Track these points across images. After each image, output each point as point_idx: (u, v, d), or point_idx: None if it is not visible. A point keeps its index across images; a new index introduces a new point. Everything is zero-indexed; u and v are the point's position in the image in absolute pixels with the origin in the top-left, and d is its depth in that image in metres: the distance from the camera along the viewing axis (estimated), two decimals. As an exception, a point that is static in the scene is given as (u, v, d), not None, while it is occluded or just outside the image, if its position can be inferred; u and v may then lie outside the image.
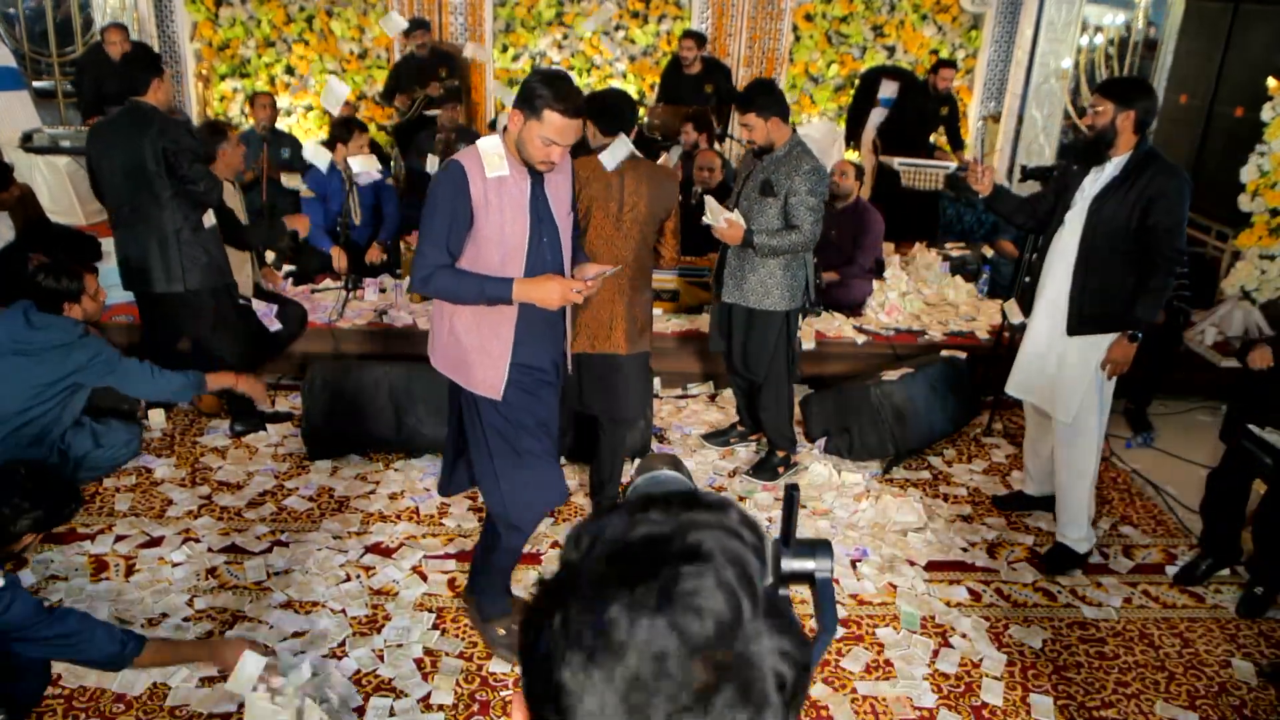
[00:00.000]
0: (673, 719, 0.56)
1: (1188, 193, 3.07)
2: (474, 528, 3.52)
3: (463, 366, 2.59)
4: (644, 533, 0.61)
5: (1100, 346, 3.20)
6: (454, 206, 2.41)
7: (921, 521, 3.68)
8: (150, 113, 3.55)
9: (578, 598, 0.60)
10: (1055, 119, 7.22)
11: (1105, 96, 3.10)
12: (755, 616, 0.59)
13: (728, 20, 7.17)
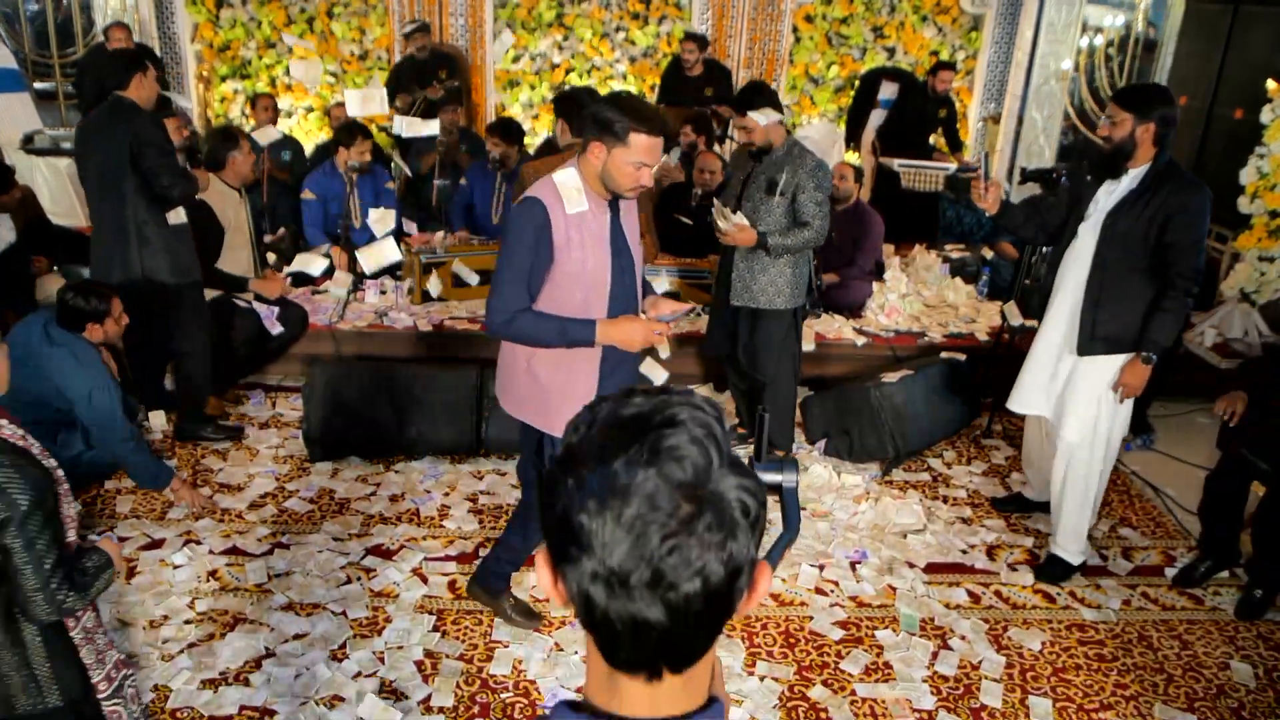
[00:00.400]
0: (666, 541, 0.74)
1: (1208, 208, 2.97)
2: (474, 530, 3.53)
3: (543, 409, 2.50)
4: (631, 411, 0.79)
5: (1113, 366, 3.10)
6: (535, 246, 2.32)
7: (921, 523, 3.69)
8: (129, 108, 3.52)
9: (585, 462, 0.77)
10: (1055, 120, 7.22)
11: (1123, 107, 2.95)
12: (721, 465, 0.77)
13: (728, 22, 7.17)
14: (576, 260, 2.37)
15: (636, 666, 0.80)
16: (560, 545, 0.78)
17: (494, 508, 3.69)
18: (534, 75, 7.33)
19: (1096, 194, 3.10)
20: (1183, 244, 2.93)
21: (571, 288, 2.39)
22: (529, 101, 7.40)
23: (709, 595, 0.76)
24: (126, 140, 3.45)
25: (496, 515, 3.63)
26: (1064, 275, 3.19)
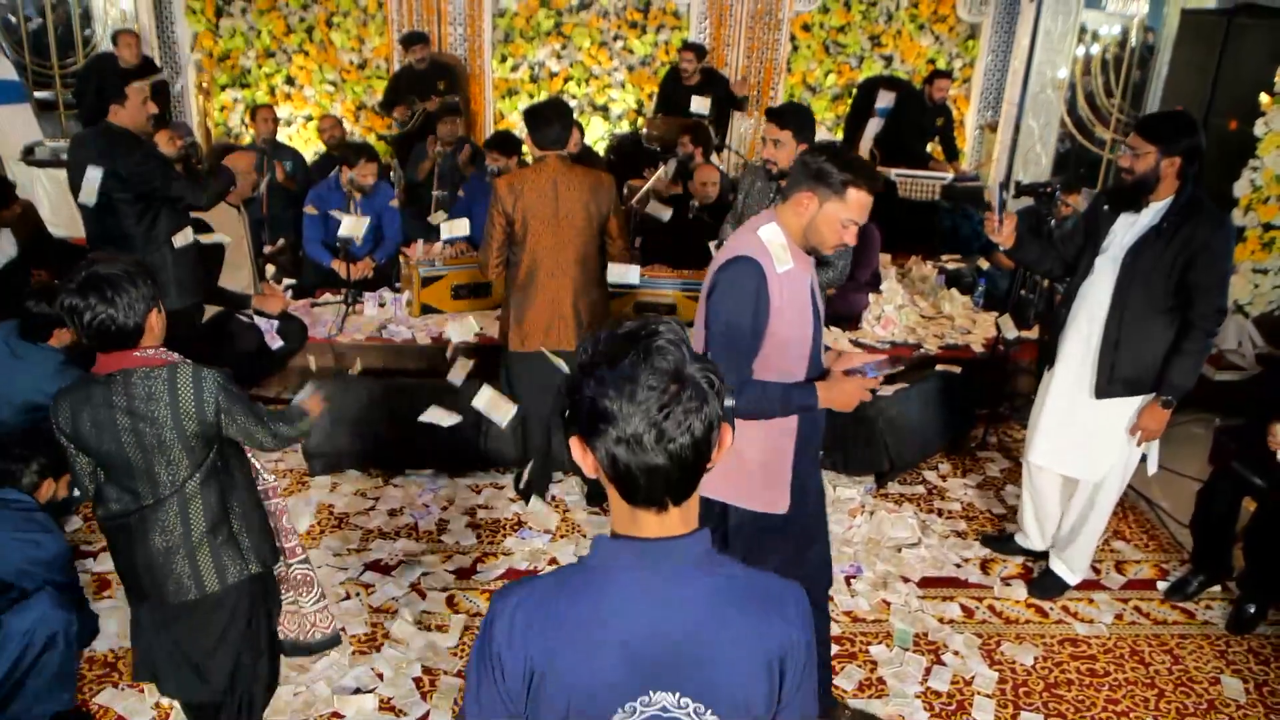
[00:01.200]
0: (664, 410, 1.09)
1: (1233, 246, 2.87)
2: (472, 544, 3.56)
3: (743, 486, 2.34)
4: (627, 329, 1.14)
5: (1131, 407, 3.02)
6: (756, 311, 2.14)
7: (915, 537, 3.72)
8: (119, 136, 3.51)
9: (600, 365, 1.11)
10: (1052, 129, 7.25)
11: (1147, 139, 2.81)
12: (690, 360, 1.12)
13: (725, 30, 7.20)
14: (788, 322, 2.19)
15: (650, 502, 1.14)
16: (590, 424, 1.11)
17: (491, 522, 3.71)
18: (532, 84, 7.36)
19: (1114, 226, 2.98)
20: (1205, 284, 2.82)
21: (782, 352, 2.22)
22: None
23: (695, 444, 1.12)
24: (118, 176, 3.44)
25: (494, 530, 3.66)
26: (1078, 311, 3.06)
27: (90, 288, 1.97)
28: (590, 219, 3.37)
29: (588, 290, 3.43)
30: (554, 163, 3.35)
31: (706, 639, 1.15)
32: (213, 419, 2.06)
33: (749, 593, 1.19)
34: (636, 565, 1.16)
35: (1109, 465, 3.13)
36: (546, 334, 3.43)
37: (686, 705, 1.17)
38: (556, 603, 1.17)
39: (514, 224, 3.35)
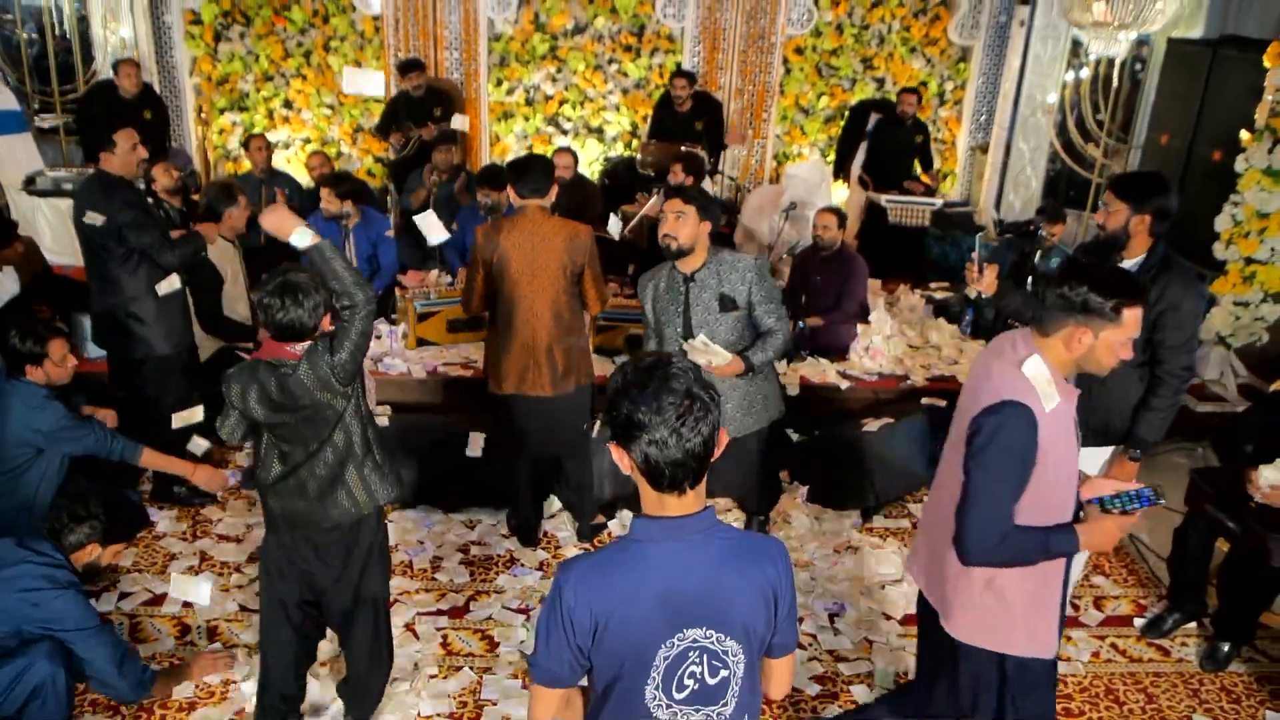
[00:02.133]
0: (681, 419, 1.48)
1: (1202, 306, 2.92)
2: (465, 582, 3.64)
3: (1007, 628, 2.20)
4: (647, 363, 1.53)
5: (1102, 456, 3.09)
6: (1025, 461, 2.04)
7: (899, 573, 3.80)
8: (112, 184, 3.59)
9: (631, 389, 1.50)
10: (1041, 151, 7.33)
11: (1119, 197, 2.91)
12: (695, 387, 1.51)
13: (719, 55, 7.28)
14: (1055, 462, 2.08)
15: (673, 488, 1.52)
16: (626, 433, 1.50)
17: (485, 559, 3.79)
18: (528, 107, 7.44)
19: None
20: (1174, 342, 2.89)
21: (1048, 492, 2.10)
22: (523, 133, 7.51)
23: (705, 442, 1.50)
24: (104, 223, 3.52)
25: (487, 567, 3.75)
26: None
27: (284, 291, 2.36)
28: (565, 270, 3.45)
29: (563, 338, 3.51)
30: (533, 213, 3.43)
31: (721, 584, 1.56)
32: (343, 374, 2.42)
33: (747, 548, 1.61)
34: (667, 537, 1.55)
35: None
36: (521, 380, 3.51)
37: (710, 635, 1.58)
38: (611, 571, 1.55)
39: (491, 271, 3.44)
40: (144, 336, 3.74)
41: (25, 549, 2.67)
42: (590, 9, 7.21)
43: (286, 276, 2.38)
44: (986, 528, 2.06)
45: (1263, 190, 4.60)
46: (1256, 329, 4.87)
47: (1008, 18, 7.35)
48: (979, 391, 2.15)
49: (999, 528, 2.05)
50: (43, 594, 2.60)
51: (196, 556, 3.73)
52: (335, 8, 7.07)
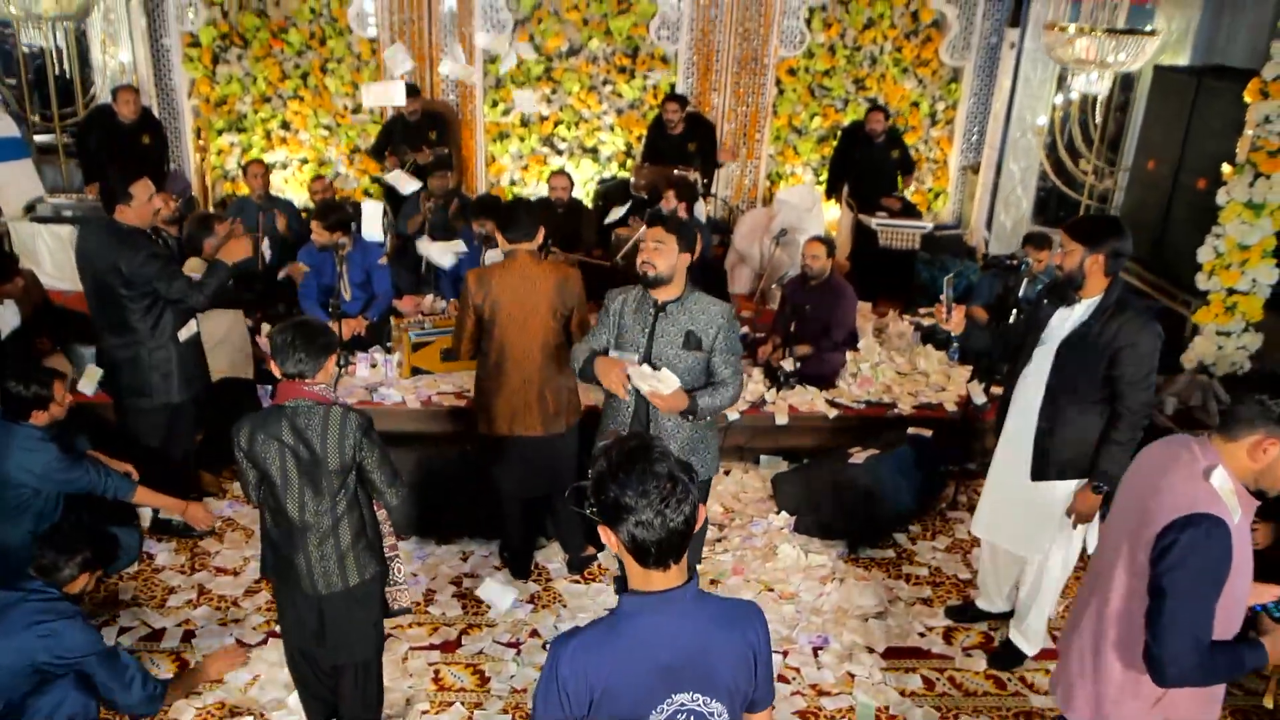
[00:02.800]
0: (664, 502, 1.57)
1: (1158, 344, 3.00)
2: (457, 615, 3.72)
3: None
4: (630, 447, 1.62)
5: (1068, 489, 3.18)
6: (1220, 574, 1.98)
7: (882, 605, 3.88)
8: (125, 233, 3.61)
9: (618, 474, 1.59)
10: (1032, 172, 7.40)
11: (1073, 238, 3.01)
12: (675, 469, 1.61)
13: (712, 76, 7.35)
14: (1241, 574, 2.05)
15: (658, 564, 1.61)
16: (614, 515, 1.59)
17: (477, 591, 3.87)
18: (523, 127, 7.51)
19: (1052, 319, 3.15)
20: (1131, 378, 2.98)
21: (1231, 605, 2.05)
22: (519, 153, 7.58)
23: (686, 521, 1.59)
24: (122, 268, 3.56)
25: (479, 600, 3.82)
26: (1018, 396, 3.26)
27: (294, 328, 2.59)
28: (555, 312, 3.52)
29: (554, 379, 3.59)
30: (522, 258, 3.51)
31: (707, 650, 1.67)
32: (350, 455, 2.60)
33: (728, 614, 1.72)
34: (654, 610, 1.65)
35: (1047, 544, 3.30)
36: (513, 421, 3.58)
37: (697, 699, 1.68)
38: (603, 644, 1.65)
39: (482, 316, 3.51)
40: (164, 386, 3.76)
41: (18, 589, 2.76)
42: (585, 31, 7.28)
43: (300, 320, 2.65)
44: (1186, 650, 1.97)
45: (1243, 223, 4.68)
46: (1239, 357, 4.95)
47: (998, 39, 7.43)
48: (1153, 501, 2.05)
49: (1199, 649, 1.97)
50: (52, 625, 2.70)
51: (195, 590, 3.81)
52: (332, 30, 7.14)
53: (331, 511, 2.63)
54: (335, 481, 2.60)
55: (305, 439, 2.55)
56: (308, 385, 2.59)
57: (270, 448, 2.56)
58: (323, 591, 2.68)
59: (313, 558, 2.65)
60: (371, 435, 2.63)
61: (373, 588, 2.79)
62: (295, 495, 2.60)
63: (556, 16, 7.22)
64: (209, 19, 7.04)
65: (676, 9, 7.24)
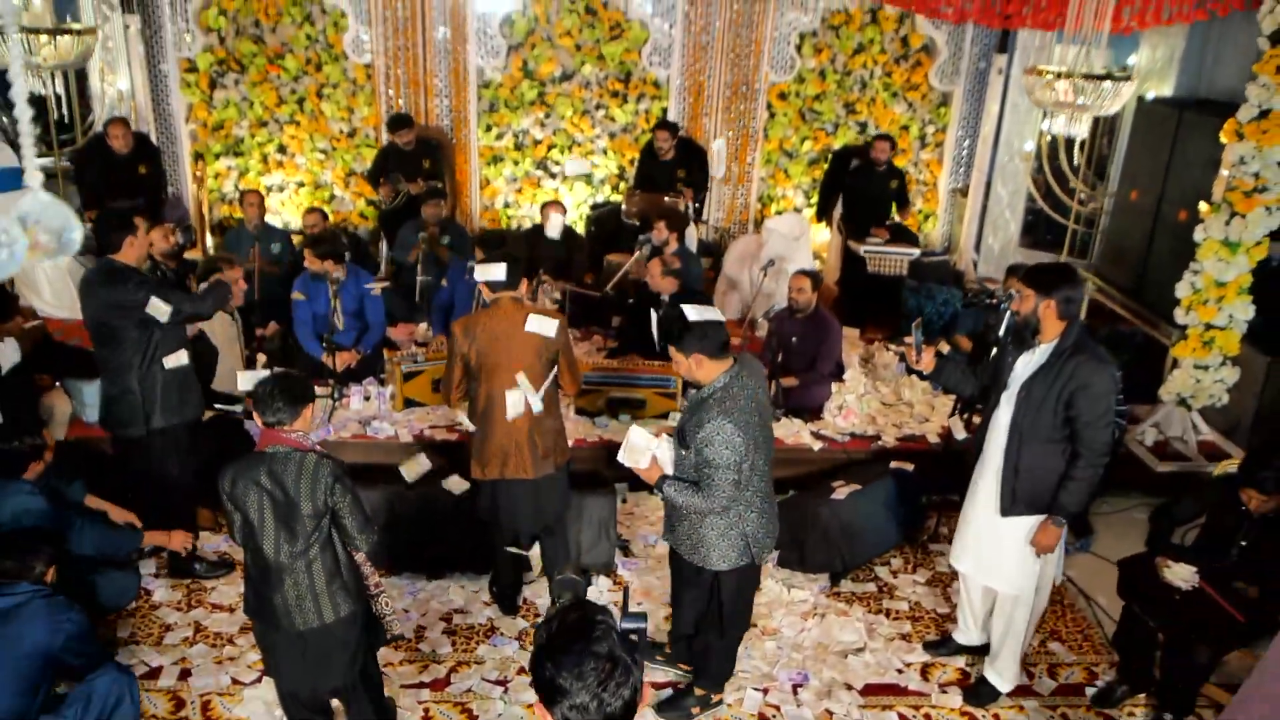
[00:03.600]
0: (602, 685, 1.48)
1: (1114, 386, 3.14)
2: (447, 652, 3.81)
3: None
4: (572, 620, 1.54)
5: (1034, 524, 3.32)
6: None
7: (862, 641, 3.97)
8: (120, 271, 3.71)
9: (556, 653, 1.50)
10: (1020, 196, 7.49)
11: (1028, 284, 3.18)
12: (617, 646, 1.52)
13: (703, 102, 7.43)
14: None
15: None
16: (549, 695, 1.51)
17: (466, 628, 3.96)
18: (516, 151, 7.59)
19: (1015, 363, 3.31)
20: (1088, 418, 3.12)
21: None
22: (512, 176, 7.67)
23: (626, 706, 1.51)
24: (117, 308, 3.66)
25: (469, 636, 3.91)
26: (988, 440, 3.41)
27: (275, 380, 2.81)
28: (540, 355, 3.61)
29: (542, 422, 3.67)
30: (507, 305, 3.60)
31: None
32: (323, 500, 2.77)
33: None
34: None
35: (1019, 577, 3.43)
36: (504, 464, 3.67)
37: None
38: None
39: (469, 364, 3.60)
40: (158, 413, 3.85)
41: (17, 592, 2.99)
42: (578, 56, 7.37)
43: (285, 373, 2.86)
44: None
45: (1220, 260, 4.76)
46: (1217, 390, 5.04)
47: (987, 64, 7.51)
48: None
49: None
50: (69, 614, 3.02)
51: (191, 627, 3.90)
52: (328, 56, 7.22)
53: (304, 554, 2.79)
54: (309, 525, 2.77)
55: (281, 483, 2.74)
56: (285, 432, 2.79)
57: (250, 491, 2.75)
58: (300, 628, 2.84)
59: (289, 596, 2.81)
60: (344, 482, 2.80)
61: (349, 625, 2.93)
62: (271, 537, 2.78)
63: (550, 42, 7.30)
64: (206, 45, 7.12)
65: (668, 35, 7.32)
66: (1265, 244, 4.74)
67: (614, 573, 4.32)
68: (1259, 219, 4.64)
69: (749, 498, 3.11)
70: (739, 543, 3.14)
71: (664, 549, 4.54)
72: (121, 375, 3.81)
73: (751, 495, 3.12)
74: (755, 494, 3.13)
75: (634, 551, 4.51)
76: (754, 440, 3.00)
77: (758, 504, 3.15)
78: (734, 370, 3.04)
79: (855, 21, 7.36)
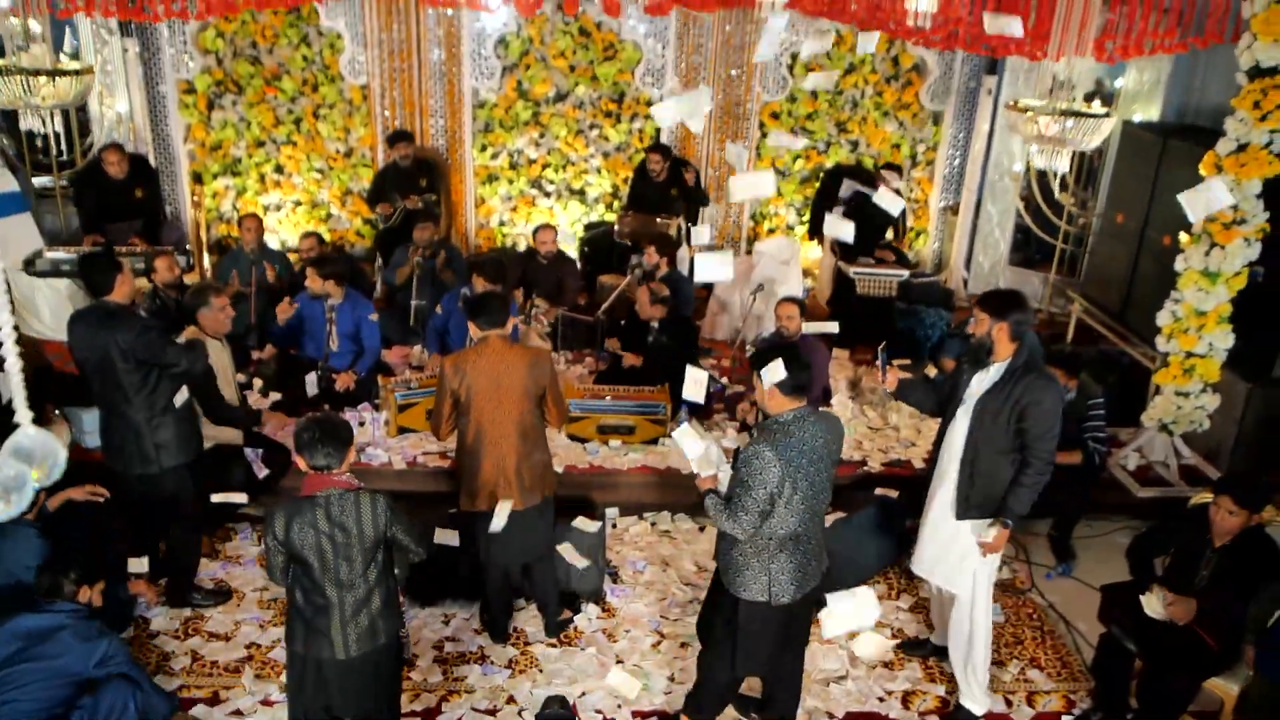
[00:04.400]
0: None
1: (1060, 402, 3.43)
2: (438, 681, 3.90)
3: None
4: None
5: (981, 525, 3.55)
6: None
7: (844, 669, 4.05)
8: (115, 313, 3.77)
9: None
10: (1009, 214, 7.57)
11: (982, 309, 3.48)
12: None
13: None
14: None
15: None
16: None
17: (457, 656, 4.05)
18: (511, 170, 7.67)
19: (971, 381, 3.55)
20: (1037, 432, 3.38)
21: None
22: (507, 195, 7.75)
23: None
24: (121, 346, 3.72)
25: (460, 662, 4.00)
26: (945, 450, 3.65)
27: (319, 426, 2.89)
28: (528, 392, 3.70)
29: (530, 455, 3.77)
30: (494, 343, 3.69)
31: None
32: (383, 530, 2.94)
33: None
34: None
35: (970, 579, 3.62)
36: (492, 497, 3.76)
37: None
38: None
39: (459, 399, 3.69)
40: (164, 449, 3.92)
41: (49, 611, 3.24)
42: (571, 77, 7.44)
43: (325, 417, 2.96)
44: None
45: (1200, 290, 4.84)
46: (1198, 416, 5.12)
47: (977, 85, 7.58)
48: None
49: None
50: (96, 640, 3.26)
51: (189, 656, 3.98)
52: (324, 77, 7.30)
53: (365, 582, 2.95)
54: (369, 555, 2.94)
55: (340, 524, 2.88)
56: (335, 475, 2.91)
57: (308, 535, 2.86)
58: (354, 655, 2.99)
59: (348, 625, 2.96)
60: (395, 510, 2.98)
61: (395, 643, 3.13)
62: (332, 573, 2.91)
63: (544, 63, 7.38)
64: (204, 67, 7.20)
65: (661, 55, 7.40)
66: (1244, 273, 4.82)
67: (603, 600, 4.40)
68: (1238, 250, 4.72)
69: (782, 537, 3.08)
70: (762, 577, 3.13)
71: (651, 575, 4.65)
72: (126, 414, 3.87)
73: (785, 537, 3.08)
74: (789, 537, 3.08)
75: (623, 578, 4.60)
76: (794, 481, 2.99)
77: (790, 547, 3.10)
78: (803, 412, 3.09)
79: (847, 42, 7.43)
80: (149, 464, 3.95)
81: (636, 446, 5.18)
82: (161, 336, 3.88)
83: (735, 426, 5.40)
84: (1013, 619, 4.44)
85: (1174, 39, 4.97)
